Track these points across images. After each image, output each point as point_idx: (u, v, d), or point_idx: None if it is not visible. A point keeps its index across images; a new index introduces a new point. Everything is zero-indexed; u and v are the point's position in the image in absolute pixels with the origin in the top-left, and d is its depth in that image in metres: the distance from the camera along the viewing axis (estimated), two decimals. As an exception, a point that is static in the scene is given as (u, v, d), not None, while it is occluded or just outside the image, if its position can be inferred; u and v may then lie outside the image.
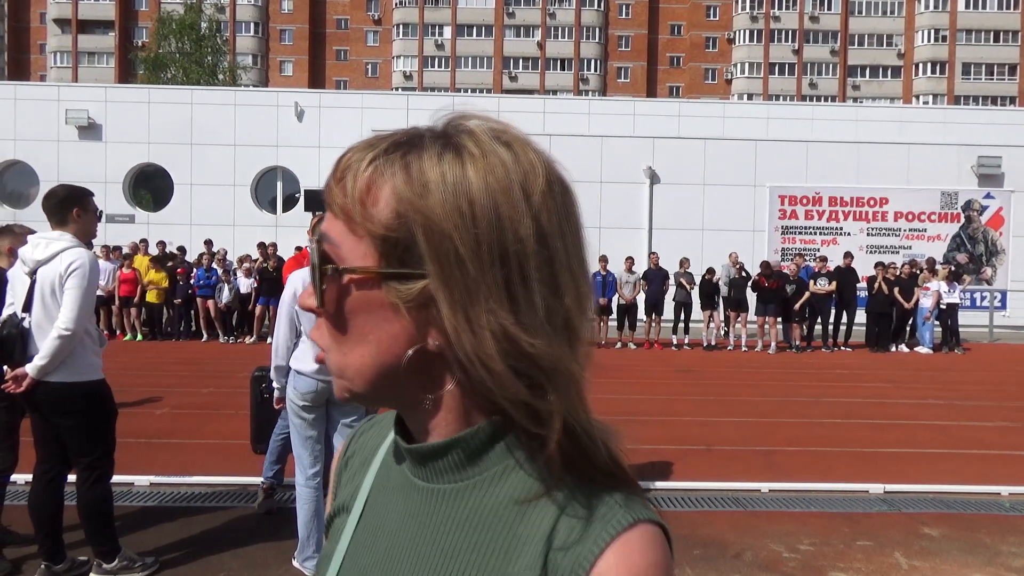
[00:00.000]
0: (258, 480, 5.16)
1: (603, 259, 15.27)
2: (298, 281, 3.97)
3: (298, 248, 15.88)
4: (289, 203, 23.48)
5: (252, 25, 62.22)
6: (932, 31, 59.11)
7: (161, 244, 17.08)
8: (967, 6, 58.67)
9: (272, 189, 23.97)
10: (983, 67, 58.75)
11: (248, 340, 14.79)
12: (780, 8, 60.50)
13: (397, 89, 56.09)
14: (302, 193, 22.74)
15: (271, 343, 4.18)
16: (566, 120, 23.45)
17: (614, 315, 15.37)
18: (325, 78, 62.85)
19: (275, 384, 4.11)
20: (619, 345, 15.12)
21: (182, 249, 17.34)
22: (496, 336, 0.60)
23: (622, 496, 0.64)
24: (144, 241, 17.38)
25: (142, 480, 5.43)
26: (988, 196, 20.02)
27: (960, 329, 15.68)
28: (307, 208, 20.69)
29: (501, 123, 0.65)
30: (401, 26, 62.32)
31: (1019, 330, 18.44)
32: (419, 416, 0.67)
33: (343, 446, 0.85)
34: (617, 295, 15.17)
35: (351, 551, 0.73)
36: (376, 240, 0.62)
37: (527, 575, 0.61)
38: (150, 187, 23.63)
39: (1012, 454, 6.76)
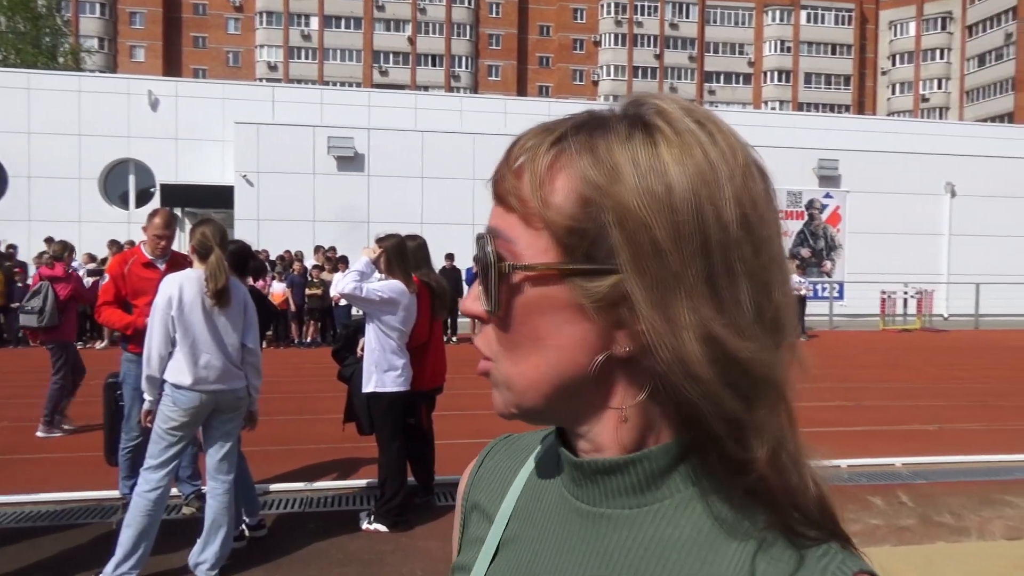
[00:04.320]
0: (115, 493, 4.84)
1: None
2: (174, 286, 3.73)
3: (115, 243, 14.94)
4: (143, 198, 22.03)
5: (98, 6, 57.75)
6: (779, 42, 63.56)
7: (-6, 242, 15.59)
8: (808, 20, 63.49)
9: (124, 183, 22.41)
10: (823, 77, 63.81)
11: (99, 345, 13.79)
12: (643, 14, 63.06)
13: (261, 80, 53.85)
14: (158, 187, 21.42)
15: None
16: (439, 117, 23.40)
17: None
18: (182, 66, 59.33)
19: (146, 397, 3.81)
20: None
21: (14, 247, 15.91)
22: (701, 338, 0.51)
23: (837, 544, 0.55)
24: (-26, 239, 15.82)
25: (-21, 501, 4.96)
26: (827, 196, 21.84)
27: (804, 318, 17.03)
28: (164, 203, 19.51)
29: (691, 102, 0.58)
30: (265, 14, 59.84)
31: (855, 318, 20.25)
32: (591, 432, 0.59)
33: (473, 466, 0.77)
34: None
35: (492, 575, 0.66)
36: (559, 232, 0.54)
37: None
38: (-20, 179, 21.51)
39: (849, 430, 7.43)
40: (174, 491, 4.66)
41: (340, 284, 4.59)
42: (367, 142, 20.40)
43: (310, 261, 15.68)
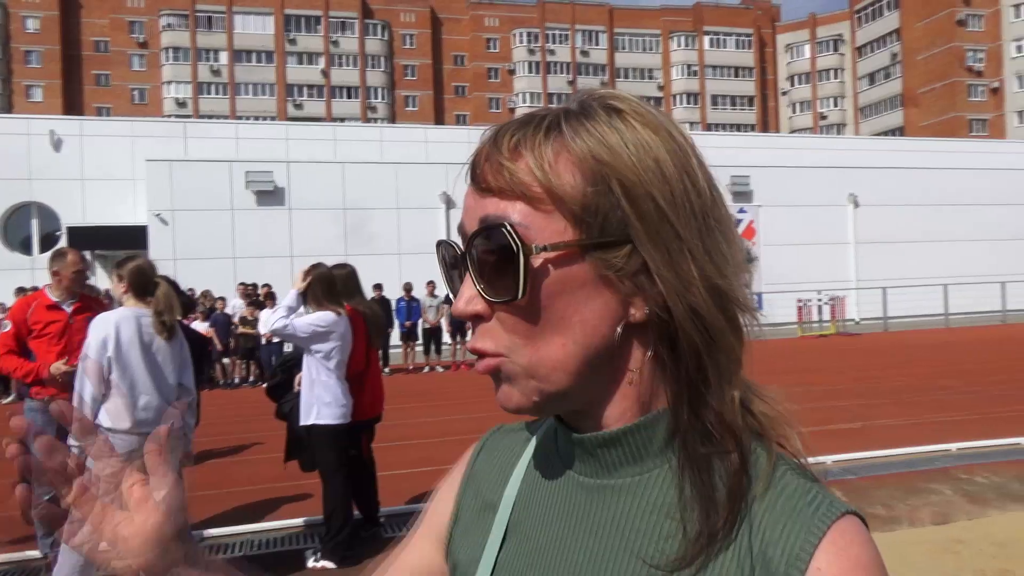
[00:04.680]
0: (36, 554, 4.55)
1: (407, 286, 15.32)
2: (109, 327, 3.54)
3: (21, 289, 14.21)
4: (48, 242, 20.97)
5: (-10, 45, 55.16)
6: (685, 66, 66.14)
7: None
8: (711, 45, 66.35)
9: (25, 227, 21.30)
10: (728, 98, 66.63)
11: (4, 400, 12.98)
12: (554, 42, 64.58)
13: (170, 116, 52.36)
14: (64, 230, 20.45)
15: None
16: (359, 148, 23.24)
17: (420, 340, 15.40)
18: (83, 104, 57.12)
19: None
20: (427, 369, 15.14)
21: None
22: (709, 290, 0.57)
23: (818, 487, 0.59)
24: None
25: None
26: (741, 211, 22.70)
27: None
28: (72, 246, 18.59)
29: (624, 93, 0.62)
30: (171, 50, 58.36)
31: (776, 327, 21.01)
32: (600, 409, 0.62)
33: (471, 454, 0.78)
34: (422, 319, 15.22)
35: (503, 560, 0.67)
36: (574, 211, 0.57)
37: (732, 569, 0.56)
38: None
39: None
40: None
41: (269, 322, 4.48)
42: (287, 175, 20.07)
43: (233, 299, 15.21)
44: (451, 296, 0.65)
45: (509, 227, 0.57)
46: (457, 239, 0.64)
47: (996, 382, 10.69)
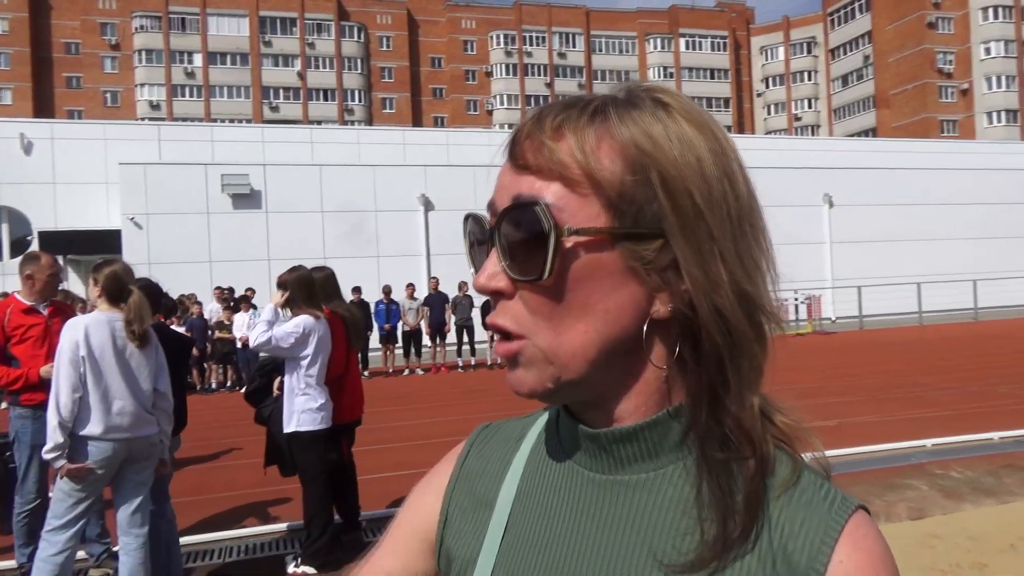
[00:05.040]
0: (12, 564, 4.47)
1: (386, 289, 15.28)
2: (79, 330, 3.48)
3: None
4: (18, 247, 20.63)
5: (-43, 47, 54.17)
6: (661, 68, 66.54)
7: None
8: (687, 47, 66.86)
9: (-4, 232, 20.94)
10: (704, 100, 67.10)
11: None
12: (531, 44, 64.68)
13: (144, 119, 51.73)
14: (35, 235, 20.12)
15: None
16: (336, 150, 23.13)
17: (399, 343, 15.35)
18: (55, 107, 56.23)
19: (54, 444, 3.40)
20: (407, 372, 15.09)
21: None
22: (736, 293, 0.57)
23: (829, 483, 0.61)
24: None
25: None
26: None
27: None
28: (43, 251, 18.30)
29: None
30: (144, 52, 57.62)
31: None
32: (615, 402, 0.61)
33: (459, 454, 0.76)
34: (401, 322, 15.17)
35: (504, 555, 0.66)
36: (611, 197, 0.56)
37: (754, 565, 0.57)
38: None
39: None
40: (81, 553, 4.34)
41: (252, 337, 4.47)
42: (263, 178, 19.90)
43: (210, 303, 15.05)
44: (473, 271, 0.64)
45: (544, 206, 0.56)
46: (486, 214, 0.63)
47: (969, 379, 10.88)
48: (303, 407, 4.48)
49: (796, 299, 21.35)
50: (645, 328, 0.58)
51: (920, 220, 25.03)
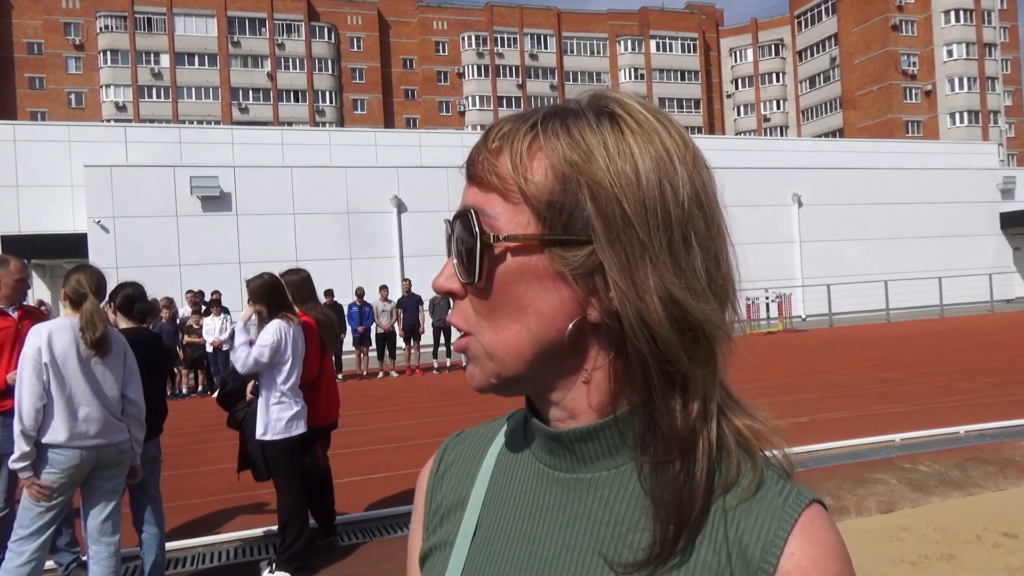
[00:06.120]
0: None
1: (359, 291, 15.18)
2: (42, 336, 3.40)
3: None
4: (-18, 252, 20.13)
5: (-86, 47, 52.77)
6: (632, 69, 66.93)
7: None
8: (657, 49, 67.34)
9: (-44, 237, 20.43)
10: (675, 101, 67.69)
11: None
12: (503, 46, 64.69)
13: (109, 121, 50.83)
14: (-1, 239, 19.67)
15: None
16: (307, 152, 22.94)
17: (373, 345, 15.26)
18: (16, 108, 55.05)
19: (20, 453, 3.32)
20: (381, 375, 15.01)
21: None
22: (664, 301, 0.58)
23: (787, 478, 0.62)
24: None
25: None
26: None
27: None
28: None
29: (642, 98, 0.64)
30: (109, 53, 56.60)
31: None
32: (565, 399, 0.64)
33: (434, 459, 0.79)
34: (375, 324, 15.09)
35: (475, 556, 0.68)
36: (539, 207, 0.60)
37: (709, 557, 0.59)
38: None
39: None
40: (49, 563, 4.26)
41: (239, 364, 4.41)
42: (233, 180, 19.67)
43: (182, 307, 14.83)
44: None
45: (473, 215, 0.61)
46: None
47: (935, 374, 11.10)
48: (277, 415, 4.44)
49: (767, 297, 21.62)
50: (571, 330, 0.60)
51: (887, 219, 25.49)
